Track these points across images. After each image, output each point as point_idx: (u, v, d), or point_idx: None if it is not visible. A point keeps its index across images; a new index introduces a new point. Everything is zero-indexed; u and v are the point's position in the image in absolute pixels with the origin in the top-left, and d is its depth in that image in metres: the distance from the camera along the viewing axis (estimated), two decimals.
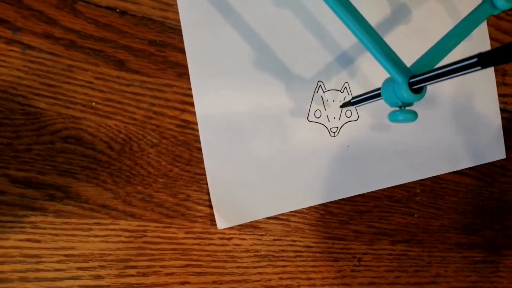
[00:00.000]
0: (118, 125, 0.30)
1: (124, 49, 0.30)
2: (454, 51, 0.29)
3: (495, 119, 0.41)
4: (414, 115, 0.27)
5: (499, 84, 0.41)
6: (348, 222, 0.37)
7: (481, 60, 0.21)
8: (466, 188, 0.41)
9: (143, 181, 0.31)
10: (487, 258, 0.42)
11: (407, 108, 0.27)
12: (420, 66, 0.28)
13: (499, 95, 0.41)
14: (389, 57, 0.27)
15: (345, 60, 0.36)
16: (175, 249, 0.32)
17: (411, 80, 0.25)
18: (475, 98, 0.40)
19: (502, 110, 0.41)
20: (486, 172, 0.42)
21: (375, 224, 0.38)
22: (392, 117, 0.27)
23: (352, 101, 0.33)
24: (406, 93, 0.26)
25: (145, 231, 0.31)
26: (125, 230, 0.30)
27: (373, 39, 0.27)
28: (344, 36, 0.35)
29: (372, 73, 0.36)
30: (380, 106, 0.32)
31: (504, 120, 0.41)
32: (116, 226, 0.30)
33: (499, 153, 0.42)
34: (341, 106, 0.35)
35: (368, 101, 0.31)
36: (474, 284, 0.42)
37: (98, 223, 0.30)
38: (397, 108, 0.27)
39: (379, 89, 0.28)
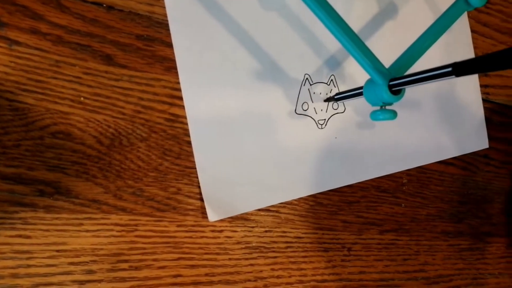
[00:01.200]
0: (107, 119, 0.30)
1: (112, 44, 0.30)
2: (436, 45, 0.30)
3: (478, 110, 0.42)
4: (394, 114, 0.29)
5: (481, 75, 0.42)
6: (337, 213, 0.38)
7: (456, 70, 0.22)
8: (451, 177, 0.42)
9: (134, 175, 0.31)
10: (473, 246, 0.43)
11: (388, 107, 0.28)
12: (399, 66, 0.29)
13: (481, 85, 0.42)
14: (370, 61, 0.28)
15: (332, 53, 0.36)
16: (167, 243, 0.32)
17: (391, 83, 0.27)
18: (458, 89, 0.41)
19: (484, 100, 0.42)
20: (470, 161, 0.43)
21: (364, 214, 0.39)
22: (374, 116, 0.29)
23: (335, 97, 0.34)
24: (386, 95, 0.27)
25: (136, 225, 0.31)
26: (117, 224, 0.31)
27: (355, 44, 0.28)
28: None
29: (358, 66, 0.37)
30: None
31: (486, 110, 0.42)
32: (107, 221, 0.30)
33: (482, 143, 0.43)
34: (325, 101, 0.36)
35: (351, 98, 0.32)
36: (461, 271, 0.43)
37: (89, 218, 0.30)
38: (378, 108, 0.28)
39: (361, 87, 0.29)
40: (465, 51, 0.41)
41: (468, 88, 0.42)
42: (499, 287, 0.45)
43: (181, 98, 0.32)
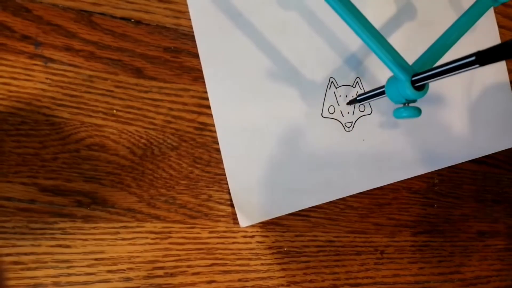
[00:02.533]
0: (139, 130, 0.31)
1: (141, 57, 0.31)
2: (462, 43, 0.30)
3: (509, 106, 0.41)
4: (418, 111, 0.28)
5: (510, 71, 0.41)
6: (368, 215, 0.37)
7: (479, 58, 0.21)
8: (484, 176, 0.41)
9: (166, 183, 0.32)
10: (510, 246, 0.42)
11: (411, 104, 0.28)
12: (423, 63, 0.28)
13: (511, 82, 0.41)
14: (392, 56, 0.27)
15: (356, 56, 0.36)
16: (200, 249, 0.32)
17: (414, 78, 0.26)
18: (487, 86, 0.41)
19: None
20: (503, 159, 0.42)
21: (395, 216, 0.38)
22: (397, 113, 0.28)
23: (358, 98, 0.34)
24: (409, 91, 0.27)
25: (170, 232, 0.32)
26: (151, 232, 0.31)
27: (377, 40, 0.28)
28: (353, 33, 0.36)
29: (383, 67, 0.37)
30: None
31: None
32: (142, 229, 0.31)
33: None
34: (348, 103, 0.36)
35: (374, 98, 0.32)
36: (499, 272, 0.41)
37: (125, 227, 0.31)
38: (402, 105, 0.28)
39: (383, 86, 0.29)
40: None
41: (499, 84, 0.41)
42: None
43: (209, 107, 0.33)
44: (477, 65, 0.22)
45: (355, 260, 0.37)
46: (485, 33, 0.40)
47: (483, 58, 0.22)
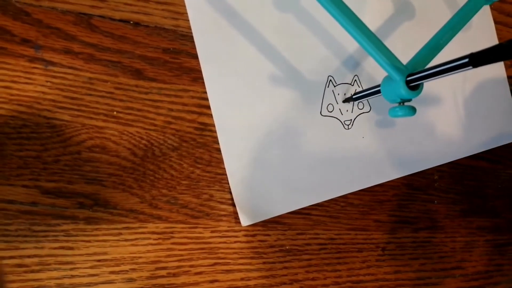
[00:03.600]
0: (139, 132, 0.31)
1: (140, 58, 0.32)
2: (459, 41, 0.30)
3: (506, 102, 0.42)
4: (413, 110, 0.28)
5: (507, 67, 0.41)
6: (369, 212, 0.37)
7: (472, 60, 0.22)
8: (483, 171, 0.42)
9: (167, 184, 0.32)
10: (511, 240, 0.42)
11: (406, 103, 0.28)
12: (417, 62, 0.29)
13: (508, 77, 0.41)
14: (386, 57, 0.28)
15: (354, 54, 0.36)
16: (203, 249, 0.33)
17: (408, 78, 0.27)
18: (485, 83, 0.41)
19: None
20: (502, 154, 0.42)
21: (396, 212, 0.38)
22: (392, 113, 0.29)
23: (354, 96, 0.34)
24: (403, 91, 0.27)
25: (172, 232, 0.32)
26: (153, 232, 0.31)
27: (371, 41, 0.28)
28: None
29: None
30: None
31: None
32: (144, 230, 0.31)
33: None
34: (344, 101, 0.36)
35: (370, 97, 0.32)
36: (500, 267, 0.42)
37: (127, 228, 0.31)
38: (397, 104, 0.28)
39: (379, 86, 0.29)
40: (490, 44, 0.40)
41: (496, 80, 0.41)
42: None
43: (209, 107, 0.33)
44: (470, 67, 0.22)
45: (356, 257, 0.37)
46: (482, 30, 0.40)
47: (476, 60, 0.22)
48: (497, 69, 0.41)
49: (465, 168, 0.41)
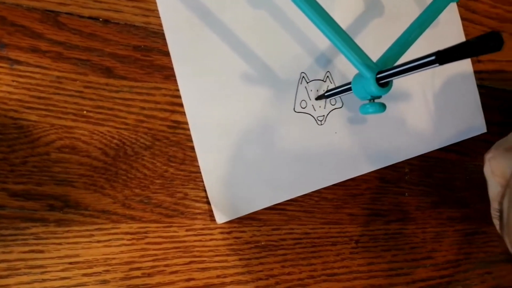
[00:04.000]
0: (110, 131, 0.31)
1: (110, 56, 0.31)
2: (427, 37, 0.31)
3: (474, 96, 0.43)
4: (383, 107, 0.29)
5: (474, 62, 0.43)
6: (343, 206, 0.38)
7: (439, 58, 0.22)
8: (452, 164, 0.43)
9: (140, 183, 0.32)
10: (478, 229, 0.44)
11: (376, 100, 0.29)
12: (386, 60, 0.29)
13: (475, 72, 0.43)
14: (357, 55, 0.28)
15: (326, 51, 0.37)
16: (178, 248, 0.32)
17: (378, 76, 0.27)
18: (453, 78, 0.42)
19: (479, 86, 0.43)
20: (470, 146, 0.43)
21: (369, 205, 0.39)
22: (363, 109, 0.29)
23: (326, 94, 0.35)
24: (374, 88, 0.28)
25: (146, 232, 0.32)
26: (127, 233, 0.31)
27: (342, 39, 0.29)
28: None
29: None
30: None
31: (482, 95, 0.43)
32: (117, 230, 0.31)
33: (480, 128, 0.43)
34: (316, 99, 0.37)
35: (341, 94, 0.33)
36: (469, 255, 0.43)
37: (100, 229, 0.30)
38: (367, 101, 0.29)
39: (350, 83, 0.30)
40: (457, 40, 0.41)
41: (463, 76, 0.42)
42: (509, 268, 0.45)
43: (181, 105, 0.33)
44: (437, 64, 0.23)
45: (331, 250, 0.38)
46: (449, 27, 0.41)
47: (442, 57, 0.22)
48: (464, 64, 0.42)
49: (434, 161, 0.42)
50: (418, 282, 0.40)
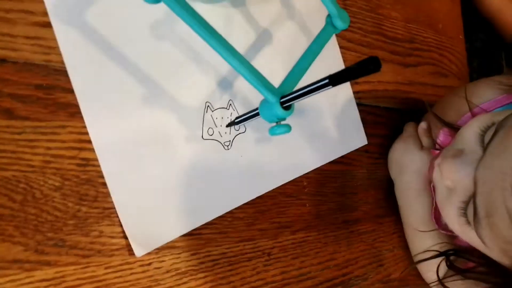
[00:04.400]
0: (16, 175, 0.29)
1: (10, 97, 0.30)
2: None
3: (354, 113, 0.49)
4: (289, 127, 0.33)
5: (352, 84, 0.49)
6: (254, 223, 0.41)
7: (331, 81, 0.27)
8: (342, 173, 0.49)
9: (53, 226, 0.30)
10: (369, 229, 0.50)
11: (282, 122, 0.32)
12: (286, 85, 0.33)
13: (354, 92, 0.49)
14: (261, 81, 0.31)
15: (227, 79, 0.39)
16: (98, 287, 0.32)
17: (282, 100, 0.31)
18: (336, 99, 0.48)
19: (358, 104, 0.49)
20: (355, 157, 0.50)
21: (276, 219, 0.42)
22: (272, 131, 0.33)
23: (236, 121, 0.37)
24: (279, 111, 0.31)
25: (63, 276, 0.30)
26: (43, 280, 0.30)
27: (246, 67, 0.31)
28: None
29: (252, 89, 0.40)
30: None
31: (361, 112, 0.50)
32: (32, 279, 0.29)
33: (362, 140, 0.50)
34: (227, 126, 0.39)
35: (250, 119, 0.36)
36: (364, 252, 0.49)
37: (12, 280, 0.29)
38: (274, 124, 0.32)
39: (257, 109, 0.33)
40: (337, 64, 0.47)
41: (344, 96, 0.48)
42: (396, 258, 0.52)
43: (89, 142, 0.32)
44: (330, 86, 0.27)
45: (247, 266, 0.40)
46: (330, 52, 0.47)
47: (334, 80, 0.27)
48: (344, 87, 0.48)
49: (327, 173, 0.47)
50: (325, 283, 0.45)
